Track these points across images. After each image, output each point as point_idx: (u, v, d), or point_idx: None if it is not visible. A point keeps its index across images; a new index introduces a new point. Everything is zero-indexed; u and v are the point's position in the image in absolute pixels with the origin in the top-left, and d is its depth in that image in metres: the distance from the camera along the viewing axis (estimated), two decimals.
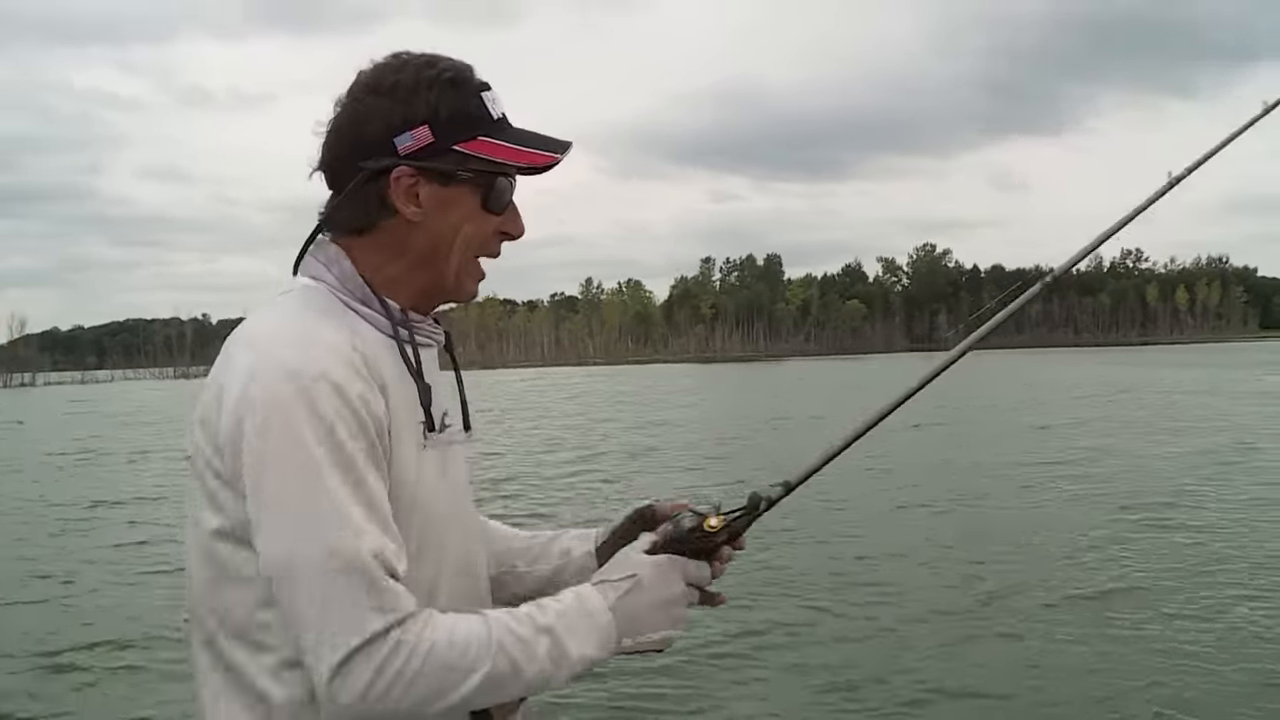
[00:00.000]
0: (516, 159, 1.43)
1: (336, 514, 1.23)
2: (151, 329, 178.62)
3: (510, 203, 1.49)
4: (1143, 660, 6.81)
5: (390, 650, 1.22)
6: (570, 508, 14.20)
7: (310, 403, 1.25)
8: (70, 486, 18.44)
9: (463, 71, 1.44)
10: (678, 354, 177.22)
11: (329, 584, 1.21)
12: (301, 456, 1.23)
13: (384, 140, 1.39)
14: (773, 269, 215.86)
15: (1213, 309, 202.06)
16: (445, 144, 1.40)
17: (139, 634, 8.15)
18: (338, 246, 1.45)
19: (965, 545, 10.81)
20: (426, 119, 1.39)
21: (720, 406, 39.56)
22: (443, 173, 1.41)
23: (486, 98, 1.44)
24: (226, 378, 1.31)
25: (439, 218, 1.43)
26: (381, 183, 1.40)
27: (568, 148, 1.47)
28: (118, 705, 6.67)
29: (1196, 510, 12.23)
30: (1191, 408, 28.51)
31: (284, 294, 1.43)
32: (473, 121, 1.42)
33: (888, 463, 15.72)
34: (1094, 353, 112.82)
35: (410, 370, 1.41)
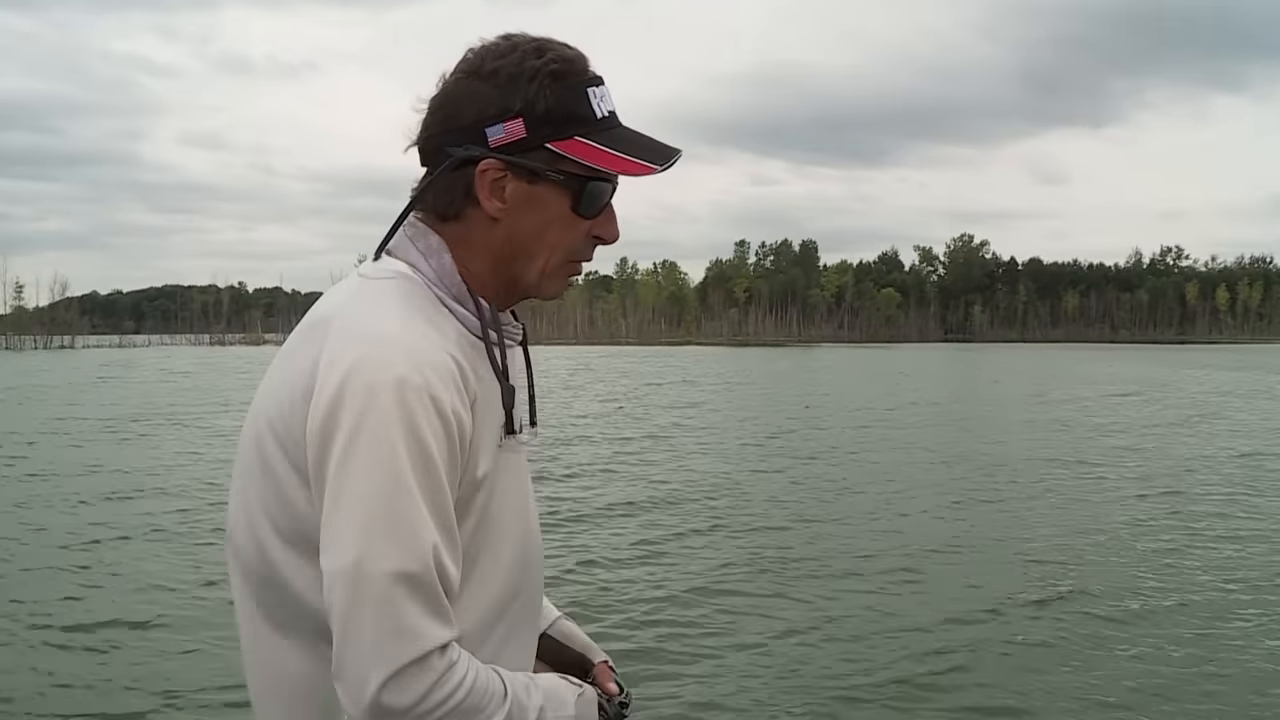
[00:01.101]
0: (610, 165, 1.36)
1: (414, 528, 1.22)
2: (189, 295, 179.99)
3: (607, 205, 1.42)
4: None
5: (447, 668, 1.23)
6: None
7: (409, 414, 1.23)
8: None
9: (572, 63, 1.37)
10: (711, 337, 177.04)
11: (395, 596, 1.20)
12: (391, 466, 1.22)
13: (475, 128, 1.34)
14: (808, 254, 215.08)
15: (1254, 309, 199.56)
16: (538, 140, 1.34)
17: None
18: (440, 238, 1.40)
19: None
20: (521, 112, 1.33)
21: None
22: (531, 170, 1.35)
23: (593, 94, 1.37)
24: (324, 367, 1.27)
25: (524, 216, 1.38)
26: (469, 172, 1.36)
27: (672, 157, 1.39)
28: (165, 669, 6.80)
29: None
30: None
31: (381, 280, 1.38)
32: (571, 119, 1.35)
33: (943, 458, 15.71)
34: (1131, 349, 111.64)
35: (496, 372, 1.39)
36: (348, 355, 1.26)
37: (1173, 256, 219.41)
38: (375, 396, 1.23)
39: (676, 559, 9.76)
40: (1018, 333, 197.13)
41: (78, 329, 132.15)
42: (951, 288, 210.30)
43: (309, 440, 1.27)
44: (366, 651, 1.20)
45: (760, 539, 10.69)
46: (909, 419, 25.27)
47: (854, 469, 16.21)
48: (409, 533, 1.22)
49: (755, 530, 11.17)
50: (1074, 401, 31.36)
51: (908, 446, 18.89)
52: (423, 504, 1.23)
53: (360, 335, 1.28)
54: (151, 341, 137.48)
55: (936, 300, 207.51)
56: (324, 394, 1.25)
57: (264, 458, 1.33)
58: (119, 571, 9.19)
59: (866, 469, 16.19)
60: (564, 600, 8.02)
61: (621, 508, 12.51)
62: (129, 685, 6.34)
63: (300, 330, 1.37)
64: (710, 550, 10.11)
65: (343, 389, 1.24)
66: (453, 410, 1.27)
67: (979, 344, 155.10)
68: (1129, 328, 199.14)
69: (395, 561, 1.20)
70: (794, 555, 9.93)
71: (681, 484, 14.36)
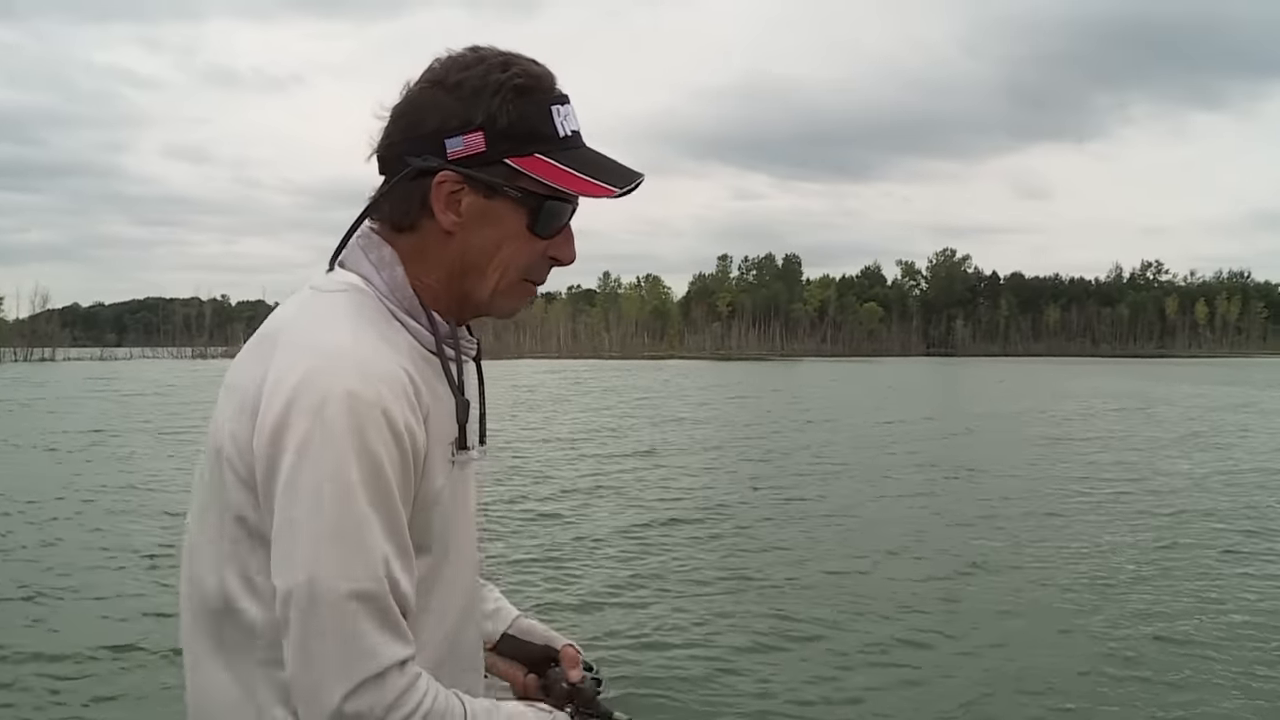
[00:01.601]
0: (570, 184, 1.33)
1: (367, 547, 1.20)
2: (171, 308, 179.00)
3: (565, 226, 1.40)
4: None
5: (408, 685, 1.21)
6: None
7: (360, 431, 1.20)
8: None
9: (538, 79, 1.35)
10: (694, 350, 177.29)
11: (349, 615, 1.18)
12: (341, 482, 1.19)
13: (435, 139, 1.32)
14: (791, 268, 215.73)
15: (1232, 323, 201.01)
16: (497, 155, 1.32)
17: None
18: (392, 250, 1.38)
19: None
20: (482, 125, 1.31)
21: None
22: (489, 185, 1.33)
23: (557, 112, 1.35)
24: (271, 381, 1.25)
25: (479, 231, 1.35)
26: (426, 183, 1.33)
27: (633, 181, 1.38)
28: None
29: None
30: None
31: (333, 292, 1.36)
32: (533, 136, 1.33)
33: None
34: (1113, 363, 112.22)
35: (451, 386, 1.36)
36: (296, 369, 1.23)
37: (1153, 271, 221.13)
38: (324, 411, 1.20)
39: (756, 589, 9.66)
40: (999, 347, 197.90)
41: (58, 341, 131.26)
42: (934, 302, 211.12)
43: (256, 456, 1.24)
44: (323, 670, 1.18)
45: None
46: (924, 435, 25.37)
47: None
48: (362, 550, 1.19)
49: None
50: (1086, 418, 31.22)
51: (946, 468, 18.14)
52: (375, 520, 1.21)
53: (309, 348, 1.26)
54: (133, 354, 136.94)
55: (919, 314, 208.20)
56: (271, 409, 1.23)
57: (216, 474, 1.31)
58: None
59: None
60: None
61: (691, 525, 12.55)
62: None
63: (250, 344, 1.34)
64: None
65: (290, 404, 1.21)
66: (405, 425, 1.25)
67: (961, 358, 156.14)
68: (1109, 341, 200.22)
69: (349, 580, 1.18)
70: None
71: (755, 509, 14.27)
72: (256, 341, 1.33)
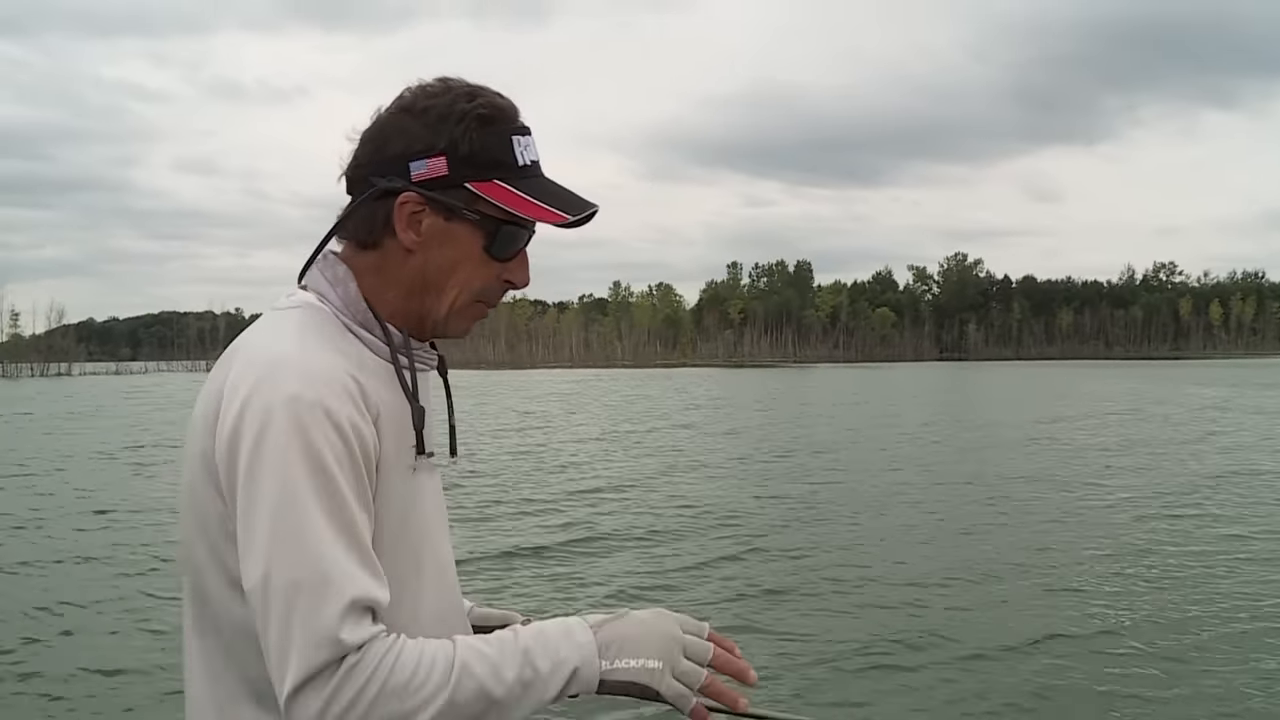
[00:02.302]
0: (525, 210, 1.40)
1: (311, 542, 1.24)
2: (185, 322, 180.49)
3: (521, 251, 1.47)
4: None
5: (342, 679, 1.21)
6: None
7: (304, 431, 1.26)
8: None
9: (502, 110, 1.42)
10: (706, 358, 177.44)
11: (293, 611, 1.21)
12: (288, 482, 1.25)
13: (400, 161, 1.39)
14: (803, 275, 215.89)
15: (1247, 324, 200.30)
16: (458, 179, 1.39)
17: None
18: (346, 267, 1.45)
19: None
20: (445, 150, 1.38)
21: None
22: (449, 207, 1.40)
23: (517, 142, 1.42)
24: (227, 392, 1.32)
25: (438, 251, 1.42)
26: (390, 203, 1.40)
27: (586, 210, 1.44)
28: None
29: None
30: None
31: (287, 310, 1.43)
32: (492, 163, 1.40)
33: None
34: (1128, 366, 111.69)
35: (406, 393, 1.42)
36: (247, 379, 1.30)
37: (1166, 272, 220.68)
38: (271, 416, 1.26)
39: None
40: (1012, 350, 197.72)
41: (74, 356, 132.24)
42: (946, 306, 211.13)
43: (219, 464, 1.31)
44: (282, 658, 1.22)
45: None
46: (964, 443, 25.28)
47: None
48: (306, 543, 1.23)
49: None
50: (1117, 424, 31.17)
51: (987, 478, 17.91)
52: (321, 515, 1.25)
53: (258, 360, 1.33)
54: (148, 368, 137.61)
55: (931, 319, 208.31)
56: (227, 418, 1.30)
57: (192, 483, 1.38)
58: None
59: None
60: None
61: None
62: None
63: (218, 361, 1.42)
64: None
65: (242, 412, 1.28)
66: (350, 424, 1.30)
67: (974, 362, 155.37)
68: (1123, 344, 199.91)
69: (296, 571, 1.22)
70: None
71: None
72: (222, 358, 1.41)
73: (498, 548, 11.34)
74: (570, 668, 1.29)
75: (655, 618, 1.36)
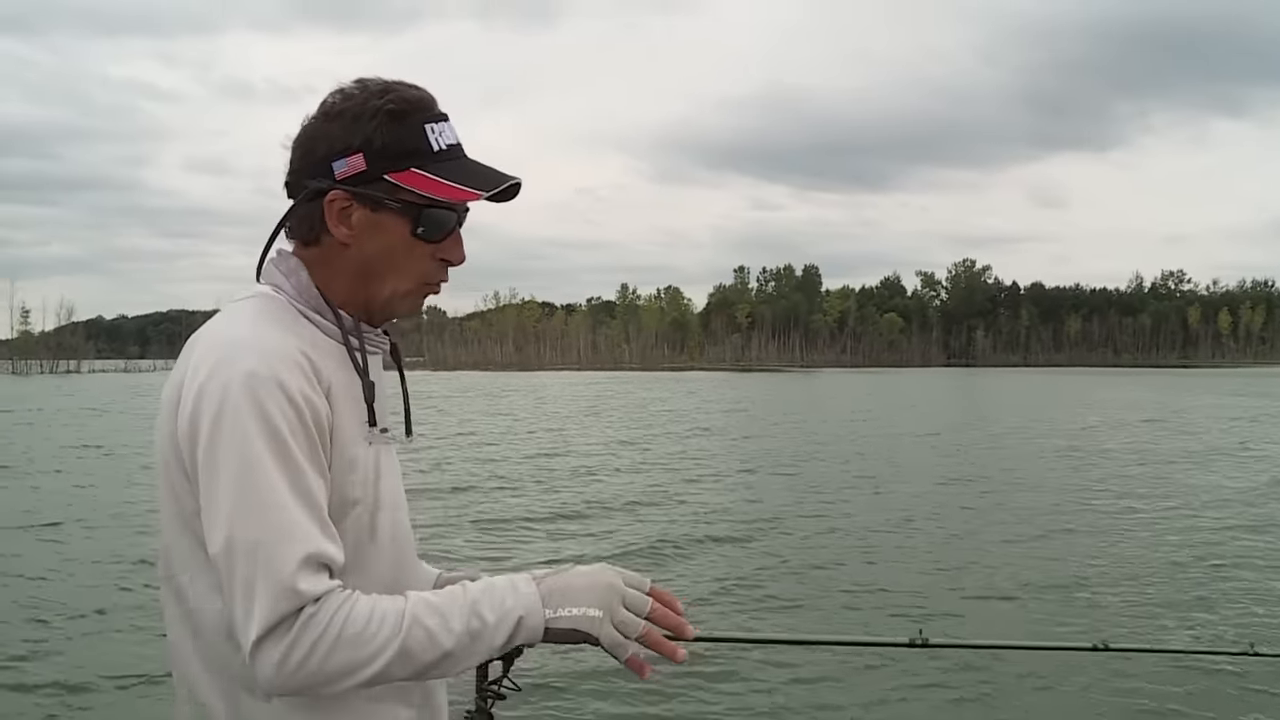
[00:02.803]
0: (440, 192, 1.48)
1: (268, 502, 1.32)
2: (194, 319, 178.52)
3: (453, 231, 1.56)
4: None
5: (300, 628, 1.29)
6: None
7: (258, 402, 1.34)
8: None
9: (413, 102, 1.50)
10: (714, 362, 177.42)
11: (254, 568, 1.29)
12: (246, 450, 1.33)
13: (325, 163, 1.48)
14: (810, 280, 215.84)
15: (1256, 333, 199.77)
16: (377, 172, 1.47)
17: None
18: (297, 259, 1.54)
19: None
20: (361, 148, 1.47)
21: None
22: (373, 199, 1.48)
23: (431, 129, 1.50)
24: (187, 377, 1.41)
25: (369, 241, 1.50)
26: (321, 202, 1.50)
27: (502, 184, 1.51)
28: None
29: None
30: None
31: (243, 299, 1.52)
32: (407, 153, 1.48)
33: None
34: (1137, 374, 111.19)
35: (357, 369, 1.51)
36: (206, 361, 1.39)
37: (1174, 280, 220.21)
38: (228, 392, 1.35)
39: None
40: (1020, 357, 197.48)
41: (83, 354, 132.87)
42: (954, 312, 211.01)
43: (181, 444, 1.40)
44: (244, 617, 1.29)
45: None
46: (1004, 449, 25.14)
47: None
48: (270, 508, 1.31)
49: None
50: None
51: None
52: (281, 480, 1.33)
53: (215, 343, 1.42)
54: (157, 366, 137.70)
55: (939, 325, 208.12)
56: (187, 400, 1.39)
57: (166, 473, 1.45)
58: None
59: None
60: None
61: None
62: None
63: (181, 352, 1.51)
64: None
65: (201, 391, 1.36)
66: (302, 395, 1.38)
67: (981, 368, 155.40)
68: (1131, 352, 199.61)
69: (256, 531, 1.30)
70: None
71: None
72: (185, 348, 1.50)
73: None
74: (515, 617, 1.38)
75: (597, 570, 1.45)
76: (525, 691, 1.39)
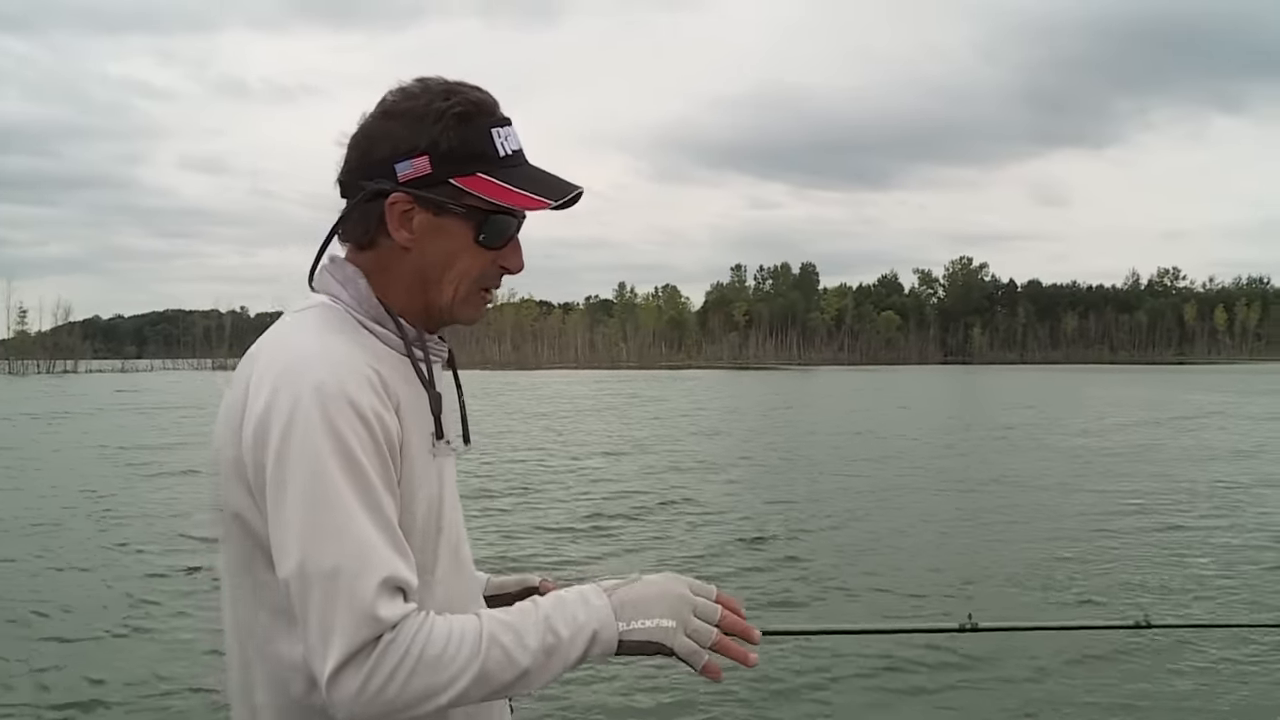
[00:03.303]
0: (509, 200, 1.45)
1: (344, 526, 1.28)
2: (190, 320, 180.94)
3: (513, 238, 1.52)
4: None
5: (379, 655, 1.25)
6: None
7: (329, 419, 1.31)
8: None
9: (479, 105, 1.47)
10: (711, 360, 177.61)
11: (331, 593, 1.26)
12: (318, 470, 1.29)
13: (387, 164, 1.44)
14: (808, 278, 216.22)
15: (1251, 330, 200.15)
16: (442, 176, 1.44)
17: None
18: (354, 266, 1.51)
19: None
20: (427, 150, 1.43)
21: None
22: (436, 203, 1.45)
23: (497, 134, 1.47)
24: (252, 389, 1.37)
25: (431, 246, 1.47)
26: (381, 204, 1.46)
27: (570, 194, 1.49)
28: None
29: None
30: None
31: (304, 310, 1.49)
32: (473, 157, 1.44)
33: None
34: (1134, 371, 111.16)
35: (423, 381, 1.48)
36: (270, 374, 1.36)
37: (1170, 278, 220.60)
38: (297, 405, 1.31)
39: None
40: (1017, 354, 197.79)
41: (80, 353, 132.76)
42: (951, 310, 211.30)
43: (246, 459, 1.36)
44: (319, 642, 1.26)
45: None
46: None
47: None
48: (343, 530, 1.28)
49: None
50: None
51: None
52: (353, 500, 1.30)
53: (280, 356, 1.39)
54: (154, 366, 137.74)
55: (936, 323, 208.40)
56: (253, 413, 1.35)
57: (225, 482, 1.42)
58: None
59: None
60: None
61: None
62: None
63: (238, 366, 1.48)
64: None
65: (269, 406, 1.33)
66: (373, 412, 1.35)
67: (979, 366, 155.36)
68: (1128, 349, 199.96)
69: (332, 557, 1.26)
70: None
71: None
72: (243, 361, 1.47)
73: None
74: (590, 631, 1.35)
75: (666, 580, 1.42)
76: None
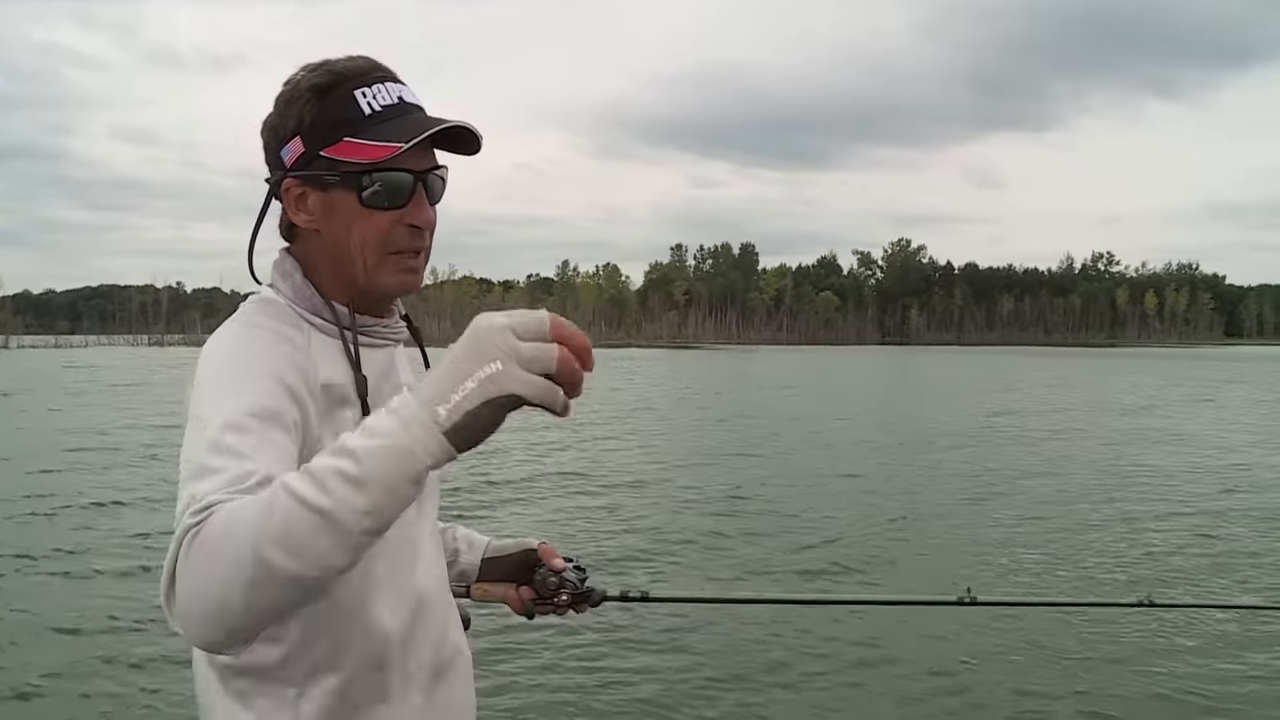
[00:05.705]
0: (366, 155, 1.42)
1: (207, 427, 1.23)
2: (126, 295, 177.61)
3: (413, 194, 1.47)
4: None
5: (184, 549, 1.07)
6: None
7: (239, 340, 1.38)
8: None
9: (341, 73, 1.45)
10: (650, 339, 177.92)
11: (183, 482, 1.18)
12: (209, 375, 1.32)
13: (276, 153, 1.47)
14: (747, 258, 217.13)
15: (1180, 314, 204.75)
16: (314, 151, 1.44)
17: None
18: (292, 260, 1.52)
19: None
20: (296, 130, 1.44)
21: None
22: (319, 179, 1.45)
23: (362, 95, 1.44)
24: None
25: (330, 222, 1.47)
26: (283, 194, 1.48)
27: (423, 132, 1.42)
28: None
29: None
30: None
31: (245, 304, 1.50)
32: (337, 124, 1.43)
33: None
34: (1066, 353, 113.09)
35: (350, 363, 1.47)
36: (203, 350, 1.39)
37: (1104, 262, 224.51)
38: (214, 343, 1.38)
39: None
40: (954, 336, 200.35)
41: (11, 329, 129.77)
42: (889, 291, 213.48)
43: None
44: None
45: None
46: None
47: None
48: (199, 436, 1.23)
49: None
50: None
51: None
52: (224, 404, 1.26)
53: (213, 337, 1.42)
54: (89, 342, 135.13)
55: (874, 304, 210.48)
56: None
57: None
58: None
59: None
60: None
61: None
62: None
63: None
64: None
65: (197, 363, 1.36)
66: (288, 348, 1.39)
67: (916, 347, 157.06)
68: (1061, 331, 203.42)
69: (185, 467, 1.21)
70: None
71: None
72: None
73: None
74: (397, 441, 1.04)
75: (472, 328, 1.11)
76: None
